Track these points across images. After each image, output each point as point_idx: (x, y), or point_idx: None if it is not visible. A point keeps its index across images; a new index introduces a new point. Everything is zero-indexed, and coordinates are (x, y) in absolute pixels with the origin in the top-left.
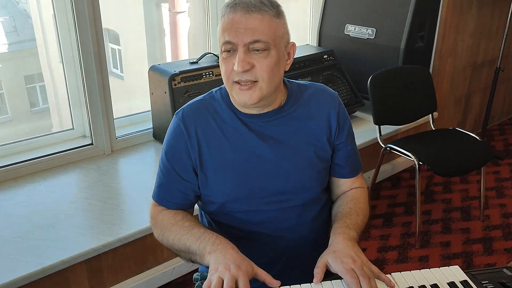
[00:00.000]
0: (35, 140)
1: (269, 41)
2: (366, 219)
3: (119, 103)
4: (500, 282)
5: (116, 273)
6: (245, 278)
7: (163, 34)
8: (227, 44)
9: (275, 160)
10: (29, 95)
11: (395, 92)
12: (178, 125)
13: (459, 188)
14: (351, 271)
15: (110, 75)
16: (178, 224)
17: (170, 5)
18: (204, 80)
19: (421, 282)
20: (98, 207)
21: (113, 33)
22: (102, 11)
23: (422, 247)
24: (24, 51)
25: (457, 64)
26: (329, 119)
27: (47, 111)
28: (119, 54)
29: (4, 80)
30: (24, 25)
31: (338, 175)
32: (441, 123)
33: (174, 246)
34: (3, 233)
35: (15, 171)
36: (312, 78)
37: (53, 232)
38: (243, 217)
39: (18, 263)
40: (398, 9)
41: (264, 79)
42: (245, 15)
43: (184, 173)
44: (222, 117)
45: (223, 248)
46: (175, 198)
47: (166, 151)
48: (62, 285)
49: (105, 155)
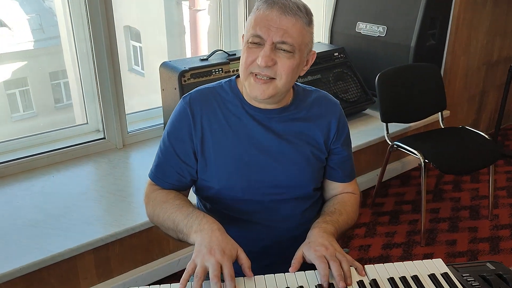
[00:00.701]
0: (51, 133)
1: (295, 45)
2: (350, 221)
3: (139, 98)
4: (481, 275)
5: (123, 262)
6: (229, 264)
7: (183, 31)
8: (256, 37)
9: (274, 154)
10: (54, 91)
11: (403, 90)
12: (185, 108)
13: (469, 187)
14: (322, 257)
15: (131, 72)
16: (169, 202)
17: (190, 3)
18: (214, 76)
19: (402, 274)
20: (107, 198)
21: (134, 31)
22: (124, 9)
23: (428, 245)
24: (49, 48)
25: (470, 62)
26: (329, 125)
27: (70, 107)
28: (140, 51)
29: (30, 76)
30: (49, 23)
31: (331, 178)
32: (454, 121)
33: (163, 224)
34: (17, 222)
35: (32, 163)
36: (322, 75)
37: (63, 221)
38: (237, 205)
39: (29, 250)
40: (408, 6)
41: (282, 78)
42: (280, 15)
43: (183, 155)
44: (228, 106)
45: (209, 228)
46: (171, 178)
47: (169, 132)
48: (71, 273)
49: (117, 149)
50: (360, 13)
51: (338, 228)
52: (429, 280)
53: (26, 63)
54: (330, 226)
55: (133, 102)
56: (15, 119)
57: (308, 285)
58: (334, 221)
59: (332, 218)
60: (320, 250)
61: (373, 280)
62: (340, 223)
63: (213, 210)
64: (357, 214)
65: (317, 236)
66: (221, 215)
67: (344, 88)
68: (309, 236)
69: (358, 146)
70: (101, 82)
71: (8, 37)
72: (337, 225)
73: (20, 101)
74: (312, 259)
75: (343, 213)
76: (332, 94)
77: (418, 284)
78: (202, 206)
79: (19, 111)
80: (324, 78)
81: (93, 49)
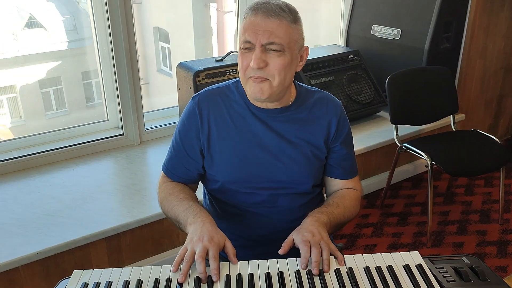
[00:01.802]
0: (74, 129)
1: (283, 44)
2: (347, 215)
3: (164, 97)
4: (454, 267)
5: (133, 252)
6: (215, 248)
7: (210, 33)
8: (246, 43)
9: (275, 152)
10: (86, 90)
11: (413, 92)
12: (194, 108)
13: (482, 191)
14: (307, 242)
15: (160, 72)
16: (175, 194)
17: (218, 5)
18: (228, 77)
19: (378, 264)
20: (122, 191)
21: (163, 32)
22: (154, 11)
23: (434, 246)
24: (82, 49)
25: (487, 66)
26: (329, 125)
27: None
28: (168, 52)
29: (64, 76)
30: (83, 24)
31: (331, 175)
32: (470, 125)
33: (168, 214)
34: (36, 210)
35: (54, 156)
36: (336, 77)
37: (79, 211)
38: (239, 197)
39: (45, 237)
40: (423, 10)
41: (275, 78)
42: (264, 19)
43: (191, 152)
44: (234, 106)
45: (201, 221)
46: (179, 172)
47: (180, 129)
48: (84, 259)
49: (134, 145)
50: (376, 16)
51: (333, 220)
52: (403, 270)
53: (60, 63)
54: (324, 217)
55: (159, 101)
56: (49, 116)
57: (288, 271)
58: (329, 212)
59: (328, 210)
60: (307, 236)
61: (349, 268)
62: (335, 215)
63: (217, 201)
64: (357, 208)
65: (309, 223)
66: (224, 205)
67: (358, 90)
68: (302, 223)
69: (369, 147)
70: (120, 82)
71: (44, 37)
72: (332, 216)
73: (54, 99)
74: (298, 242)
75: (340, 206)
76: (345, 96)
77: (392, 273)
78: (208, 196)
79: (52, 109)
80: (338, 80)
81: (113, 50)
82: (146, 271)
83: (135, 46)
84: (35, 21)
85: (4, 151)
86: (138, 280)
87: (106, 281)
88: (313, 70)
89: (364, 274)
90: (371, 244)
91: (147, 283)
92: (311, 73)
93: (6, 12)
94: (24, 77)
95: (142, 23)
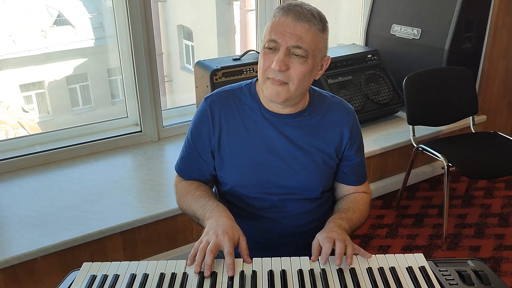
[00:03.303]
0: (94, 125)
1: (309, 50)
2: (362, 219)
3: (186, 94)
4: (457, 270)
5: (148, 246)
6: (229, 243)
7: (233, 31)
8: (271, 42)
9: (285, 158)
10: (111, 86)
11: (432, 93)
12: (205, 110)
13: (503, 194)
14: (331, 238)
15: (183, 70)
16: (191, 193)
17: (241, 3)
18: (245, 75)
19: (382, 265)
20: (138, 187)
21: (187, 30)
22: (179, 9)
23: (449, 249)
24: (108, 46)
25: (510, 67)
26: (341, 134)
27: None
28: (192, 50)
29: (90, 72)
30: (109, 21)
31: (343, 181)
32: (492, 127)
33: (186, 211)
34: (55, 204)
35: (74, 152)
36: (353, 77)
37: (96, 205)
38: (248, 201)
39: (63, 230)
40: (443, 9)
41: (294, 83)
42: (295, 22)
43: (203, 153)
44: (245, 109)
45: (218, 216)
46: (191, 172)
47: (192, 130)
48: (100, 252)
49: (152, 142)
50: (395, 16)
51: (352, 226)
52: (406, 272)
53: (87, 60)
54: (345, 223)
55: (182, 99)
56: (75, 112)
57: (291, 270)
58: (348, 218)
59: (346, 216)
60: (333, 234)
61: (352, 269)
62: (353, 221)
63: (227, 203)
64: (368, 212)
65: (331, 228)
66: (234, 208)
67: (376, 90)
68: (324, 228)
69: (385, 148)
70: (139, 80)
71: (71, 35)
72: (351, 222)
73: (80, 96)
74: (321, 240)
75: (356, 211)
76: (363, 95)
77: (394, 275)
78: (219, 197)
79: (79, 105)
80: (356, 80)
81: (132, 48)
82: (152, 265)
83: (154, 44)
84: (64, 18)
85: (28, 145)
86: (144, 274)
87: (114, 274)
88: (331, 70)
89: (367, 274)
90: (385, 245)
91: (153, 277)
92: (329, 72)
93: (36, 10)
94: (52, 73)
95: (166, 21)
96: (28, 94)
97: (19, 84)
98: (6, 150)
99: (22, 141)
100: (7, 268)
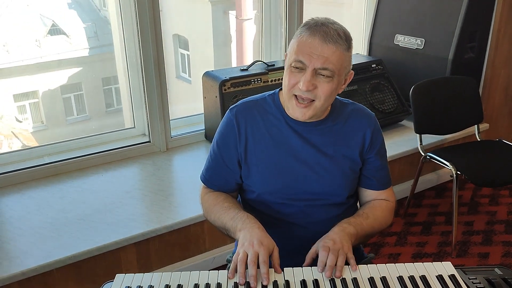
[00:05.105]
0: (102, 136)
1: (335, 71)
2: (377, 226)
3: (185, 105)
4: (487, 278)
5: (162, 257)
6: (265, 253)
7: (229, 40)
8: (298, 62)
9: (311, 165)
10: (106, 96)
11: (438, 102)
12: (231, 120)
13: (508, 201)
14: (326, 247)
15: (179, 79)
16: (219, 204)
17: (237, 12)
18: (253, 86)
19: (412, 273)
20: (149, 197)
21: (183, 39)
22: (174, 18)
23: (459, 256)
24: (102, 55)
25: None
26: (364, 137)
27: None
28: (188, 59)
29: (84, 82)
30: (104, 31)
31: (365, 186)
32: (495, 135)
33: (215, 223)
34: (68, 215)
35: (84, 162)
36: (359, 86)
37: (109, 216)
38: (275, 207)
39: (78, 241)
40: (447, 19)
41: (321, 100)
42: (322, 43)
43: (229, 162)
44: (270, 119)
45: (250, 227)
46: (218, 181)
47: (218, 140)
48: (115, 263)
49: (160, 152)
50: (399, 26)
51: (360, 231)
52: (436, 281)
53: (81, 69)
54: (351, 228)
55: (179, 108)
56: (70, 122)
57: (323, 279)
58: (357, 223)
59: (356, 220)
60: (328, 243)
61: (382, 277)
62: (363, 226)
63: (253, 210)
64: (389, 219)
65: (334, 232)
66: (261, 215)
67: (381, 99)
68: (328, 232)
69: (392, 156)
70: (148, 90)
71: (66, 44)
72: (360, 227)
73: (75, 105)
74: (318, 248)
75: (369, 217)
76: (368, 104)
77: (425, 284)
78: (244, 205)
79: (73, 114)
80: (361, 89)
81: (141, 58)
82: (185, 276)
83: (162, 54)
84: (58, 28)
85: (36, 157)
86: (179, 285)
87: (148, 285)
88: None
89: (398, 283)
90: (395, 253)
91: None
92: None
93: (30, 20)
94: (46, 83)
95: (162, 30)
96: (21, 104)
97: (13, 94)
98: (14, 162)
99: (30, 152)
100: (23, 280)
